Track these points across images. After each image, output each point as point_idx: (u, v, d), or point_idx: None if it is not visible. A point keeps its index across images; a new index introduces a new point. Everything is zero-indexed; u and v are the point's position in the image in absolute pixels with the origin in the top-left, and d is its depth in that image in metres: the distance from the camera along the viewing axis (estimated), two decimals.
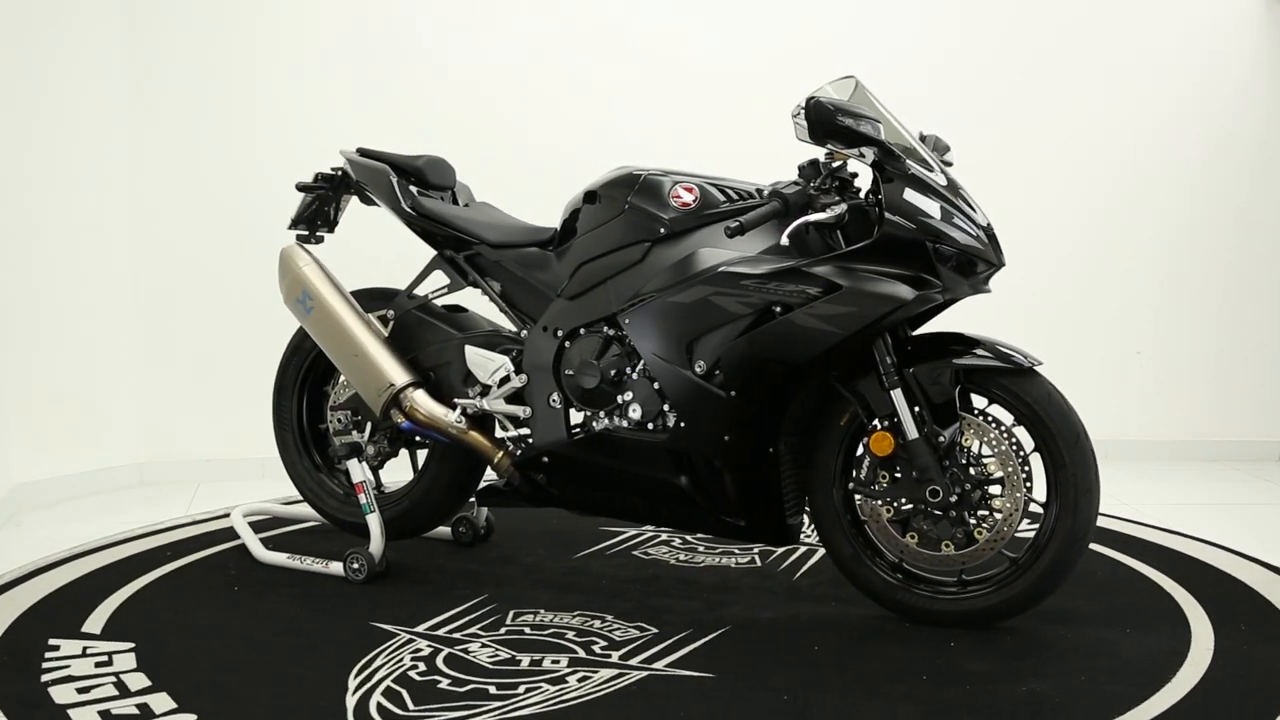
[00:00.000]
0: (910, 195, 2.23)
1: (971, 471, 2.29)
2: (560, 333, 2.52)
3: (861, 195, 2.35)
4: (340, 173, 2.83)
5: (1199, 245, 4.19)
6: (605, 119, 3.99)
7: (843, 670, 2.14)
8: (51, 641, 2.24)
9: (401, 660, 2.17)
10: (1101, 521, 3.10)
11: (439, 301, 2.82)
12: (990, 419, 2.32)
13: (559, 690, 2.03)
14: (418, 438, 2.77)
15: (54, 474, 3.60)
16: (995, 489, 2.29)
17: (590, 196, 2.55)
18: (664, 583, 2.66)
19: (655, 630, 2.33)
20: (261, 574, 2.73)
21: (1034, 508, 2.32)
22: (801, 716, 1.94)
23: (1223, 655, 2.16)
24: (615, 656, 2.19)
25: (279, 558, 2.78)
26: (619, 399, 2.47)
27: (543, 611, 2.44)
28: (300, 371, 2.94)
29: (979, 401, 2.35)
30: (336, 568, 2.68)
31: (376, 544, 2.65)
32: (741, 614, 2.45)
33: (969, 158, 2.83)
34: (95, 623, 2.36)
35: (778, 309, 2.27)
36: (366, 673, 2.10)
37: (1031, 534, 2.32)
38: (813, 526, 2.49)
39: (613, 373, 2.46)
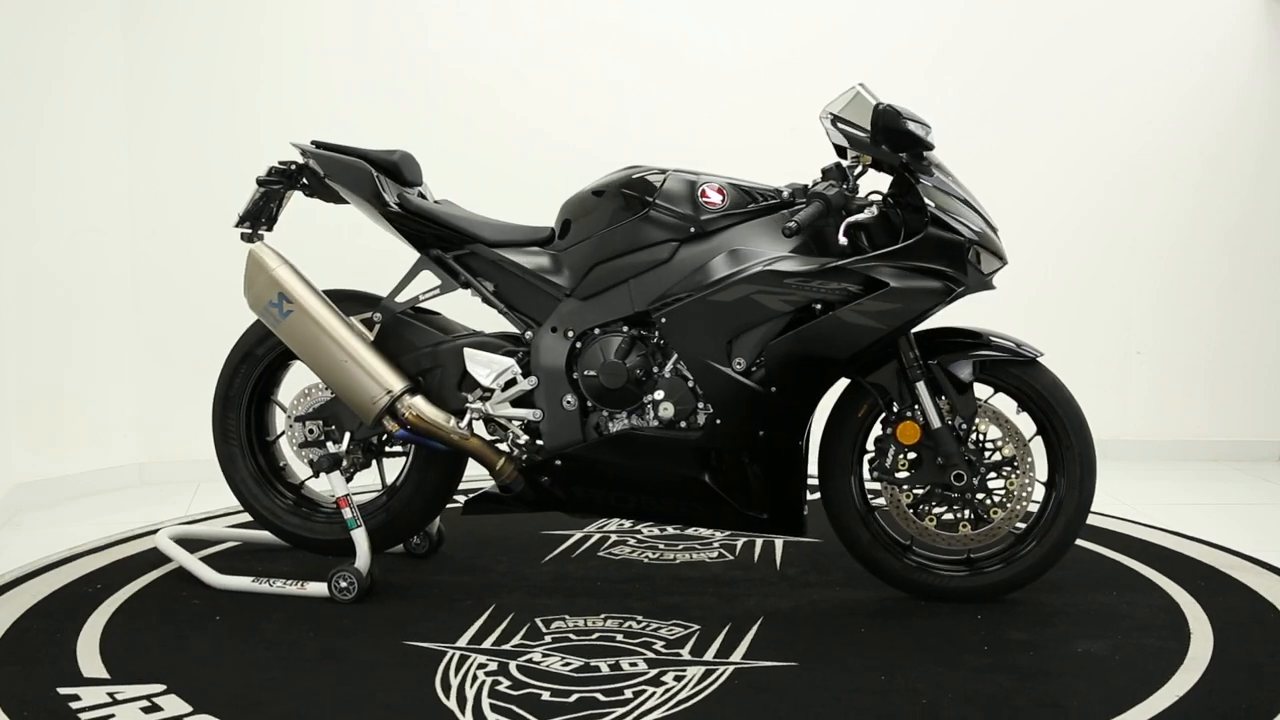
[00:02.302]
0: (944, 197, 2.38)
1: (985, 455, 2.45)
2: (571, 333, 2.50)
3: (873, 196, 2.47)
4: (296, 166, 2.65)
5: (1198, 245, 4.19)
6: (602, 116, 3.98)
7: (906, 648, 2.23)
8: (62, 691, 2.03)
9: (476, 677, 2.09)
10: (1101, 521, 3.14)
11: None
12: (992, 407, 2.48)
13: (666, 691, 2.02)
14: (400, 446, 2.67)
15: (54, 474, 3.60)
16: (1009, 471, 2.45)
17: (604, 196, 2.52)
18: (659, 581, 2.66)
19: (698, 627, 2.34)
20: (228, 600, 2.52)
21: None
22: (912, 690, 2.02)
23: (1221, 656, 2.17)
24: (686, 654, 2.20)
25: (240, 582, 2.57)
26: (646, 398, 2.47)
27: (567, 617, 2.40)
28: (251, 380, 2.74)
29: (981, 390, 2.49)
30: (315, 588, 2.51)
31: (364, 560, 2.51)
32: (761, 605, 2.48)
33: (967, 158, 2.84)
34: (90, 665, 2.15)
35: (818, 306, 2.36)
36: (452, 692, 2.02)
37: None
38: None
39: (639, 372, 2.46)
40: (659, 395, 2.46)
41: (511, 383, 2.52)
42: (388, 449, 2.71)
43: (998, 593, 2.48)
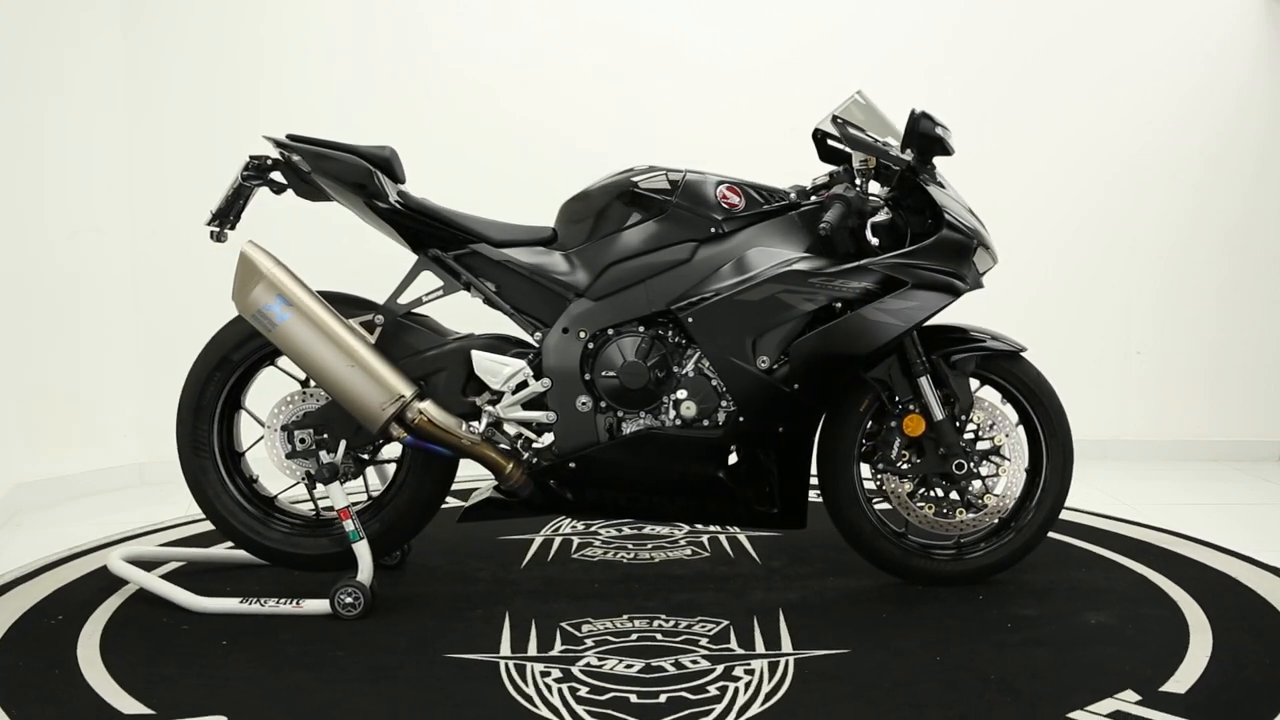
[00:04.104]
0: (949, 199, 2.49)
1: (979, 445, 2.57)
2: (584, 334, 2.48)
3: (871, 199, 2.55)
4: (272, 161, 2.48)
5: (1198, 245, 4.19)
6: (602, 116, 3.99)
7: (937, 629, 2.32)
8: None
9: (549, 685, 2.03)
10: (1100, 523, 3.15)
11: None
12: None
13: (749, 687, 2.02)
14: (387, 454, 2.60)
15: (54, 474, 3.60)
16: (1000, 459, 2.58)
17: (619, 196, 2.51)
18: (653, 580, 2.65)
19: (726, 621, 2.36)
20: (219, 623, 2.36)
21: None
22: (973, 668, 2.11)
23: (1221, 656, 2.17)
24: (738, 649, 2.21)
25: (226, 604, 2.41)
26: (666, 397, 2.48)
27: (592, 620, 2.37)
28: (224, 388, 2.56)
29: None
30: (313, 605, 2.38)
31: (367, 573, 2.41)
32: (771, 598, 2.51)
33: (967, 158, 2.84)
34: (119, 699, 1.98)
35: (839, 305, 2.44)
36: (537, 701, 1.96)
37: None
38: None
39: (660, 371, 2.46)
40: (682, 395, 2.47)
41: (522, 385, 2.48)
42: (379, 457, 2.61)
43: (988, 574, 2.60)
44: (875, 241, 2.46)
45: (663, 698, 1.98)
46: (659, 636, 2.28)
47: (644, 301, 2.47)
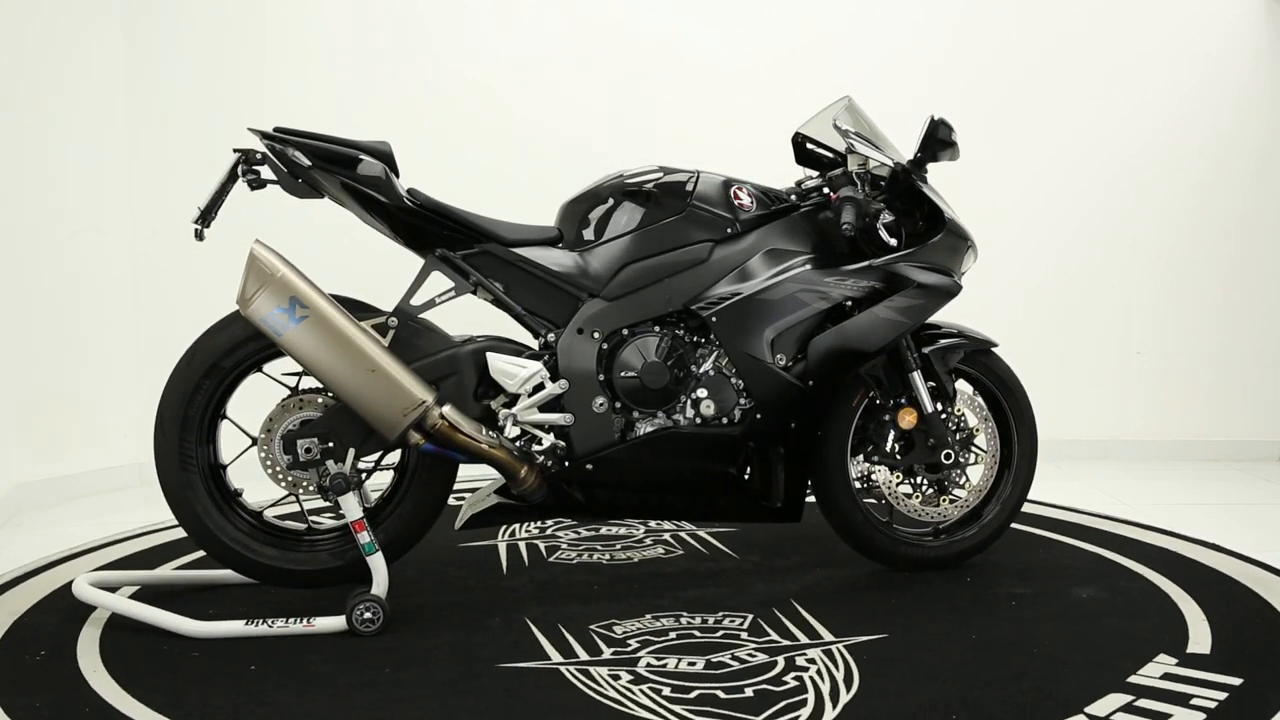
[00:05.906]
0: (945, 202, 2.58)
1: (960, 436, 2.66)
2: (598, 334, 2.46)
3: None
4: (261, 155, 2.36)
5: (1199, 245, 4.19)
6: (602, 116, 3.99)
7: (952, 611, 2.38)
8: None
9: (626, 688, 1.97)
10: (1100, 523, 3.16)
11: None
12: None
13: (823, 675, 2.02)
14: (377, 463, 2.49)
15: (54, 474, 3.60)
16: (977, 449, 2.70)
17: (633, 195, 2.50)
18: (647, 580, 2.63)
19: (750, 615, 2.36)
20: (228, 649, 2.16)
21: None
22: (1010, 645, 2.17)
23: (1220, 656, 2.16)
24: (781, 640, 2.22)
25: (229, 627, 2.23)
26: (684, 396, 2.48)
27: (619, 621, 2.32)
28: (211, 398, 2.43)
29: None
30: (326, 623, 2.24)
31: (382, 586, 2.30)
32: (774, 590, 2.53)
33: (967, 158, 2.84)
34: None
35: (848, 304, 2.51)
36: (629, 702, 1.91)
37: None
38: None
39: (680, 371, 2.47)
40: (702, 393, 2.47)
41: (539, 387, 2.43)
42: (381, 465, 2.52)
43: (969, 556, 2.71)
44: (894, 242, 2.53)
45: (749, 691, 1.96)
46: (697, 634, 2.26)
47: (662, 301, 2.47)
